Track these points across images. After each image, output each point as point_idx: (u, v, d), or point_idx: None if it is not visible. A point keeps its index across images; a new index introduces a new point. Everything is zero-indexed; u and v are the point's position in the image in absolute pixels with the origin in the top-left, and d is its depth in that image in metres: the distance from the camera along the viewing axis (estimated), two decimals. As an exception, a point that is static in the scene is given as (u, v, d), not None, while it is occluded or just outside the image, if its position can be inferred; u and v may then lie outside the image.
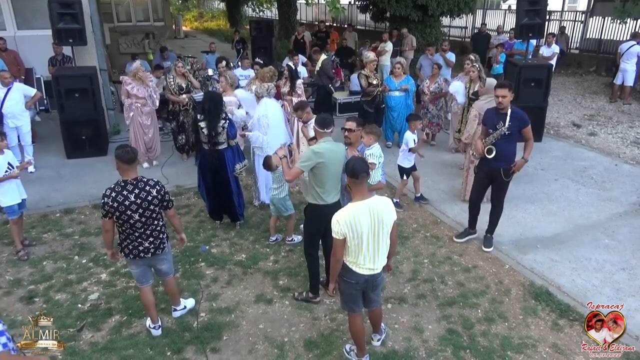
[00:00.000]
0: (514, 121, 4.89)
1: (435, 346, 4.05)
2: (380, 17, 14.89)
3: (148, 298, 4.10)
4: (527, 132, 5.00)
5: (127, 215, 3.71)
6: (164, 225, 4.03)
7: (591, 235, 5.77)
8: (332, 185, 4.19)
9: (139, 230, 3.82)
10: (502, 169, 5.05)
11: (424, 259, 5.31)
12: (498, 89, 4.91)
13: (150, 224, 3.85)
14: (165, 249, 4.05)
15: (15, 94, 7.16)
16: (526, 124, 4.93)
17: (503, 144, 4.95)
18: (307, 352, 3.99)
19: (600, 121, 10.26)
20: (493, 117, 5.04)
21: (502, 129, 4.89)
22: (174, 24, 24.99)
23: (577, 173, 7.56)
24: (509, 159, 5.05)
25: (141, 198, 3.72)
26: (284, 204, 5.47)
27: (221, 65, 7.84)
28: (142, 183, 3.77)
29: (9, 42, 9.68)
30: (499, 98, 4.86)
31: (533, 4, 8.49)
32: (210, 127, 5.40)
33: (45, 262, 5.22)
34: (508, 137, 4.93)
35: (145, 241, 3.88)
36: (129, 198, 3.69)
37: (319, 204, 4.20)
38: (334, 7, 10.78)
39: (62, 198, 6.69)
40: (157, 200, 3.80)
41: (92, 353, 3.96)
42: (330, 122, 4.28)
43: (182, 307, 4.43)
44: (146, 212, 3.77)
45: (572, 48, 15.66)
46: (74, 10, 7.83)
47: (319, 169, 4.07)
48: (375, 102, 8.21)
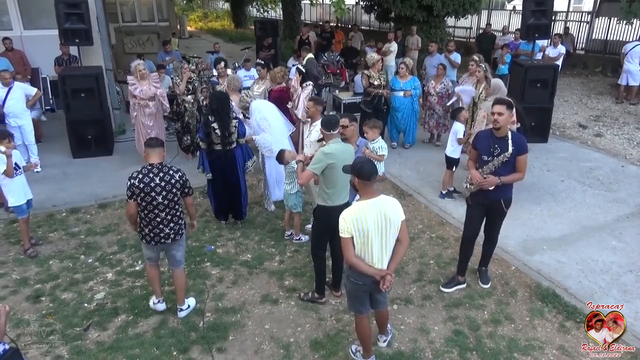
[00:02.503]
0: (514, 146, 4.26)
1: (441, 347, 4.04)
2: (384, 17, 14.89)
3: (155, 272, 4.33)
4: (522, 161, 4.31)
5: (151, 197, 3.93)
6: (183, 212, 4.24)
7: (598, 236, 5.74)
8: (342, 186, 4.18)
9: (161, 214, 4.02)
10: (502, 200, 4.43)
11: (429, 260, 5.30)
12: (496, 105, 4.26)
13: (172, 208, 4.07)
14: (183, 236, 4.28)
15: (17, 94, 7.19)
16: (524, 151, 4.30)
17: (502, 171, 4.32)
18: (313, 353, 3.98)
19: (606, 122, 10.21)
20: (488, 141, 4.35)
21: (506, 155, 4.26)
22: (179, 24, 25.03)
23: (583, 174, 7.52)
24: (508, 189, 4.44)
25: (165, 181, 3.97)
26: (295, 200, 5.49)
27: (220, 66, 7.83)
28: (167, 168, 4.04)
29: (16, 42, 9.72)
30: (495, 115, 4.21)
31: (539, 4, 8.46)
32: (223, 127, 5.40)
33: (51, 262, 5.24)
34: (507, 165, 4.31)
35: (166, 227, 4.08)
36: (154, 180, 3.94)
37: (328, 206, 4.18)
38: (339, 8, 10.76)
39: (68, 197, 6.72)
40: (179, 185, 4.06)
41: (99, 352, 3.97)
42: (336, 123, 4.27)
43: (187, 306, 4.44)
44: (169, 195, 4.00)
45: (578, 49, 15.60)
46: (81, 11, 7.85)
47: (330, 170, 4.06)
48: (374, 103, 8.16)
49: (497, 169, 4.32)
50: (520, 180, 4.44)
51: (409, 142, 8.69)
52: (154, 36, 15.53)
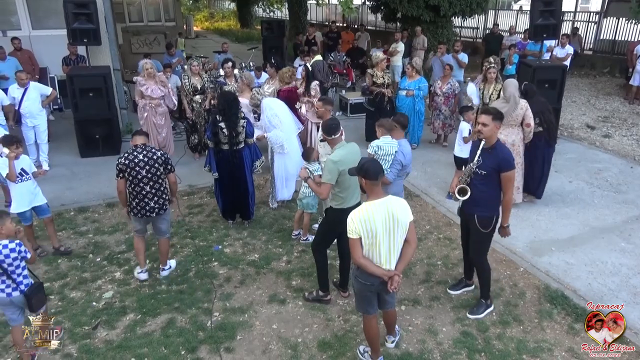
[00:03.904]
0: (492, 159, 3.94)
1: (449, 349, 4.03)
2: (391, 17, 14.85)
3: (142, 244, 4.86)
4: (506, 179, 3.93)
5: (136, 171, 4.47)
6: (167, 189, 4.73)
7: (607, 238, 5.71)
8: (354, 187, 4.17)
9: (146, 187, 4.53)
10: (476, 216, 4.12)
11: (437, 261, 5.28)
12: (482, 115, 4.01)
13: (155, 182, 4.57)
14: (167, 210, 4.81)
15: (33, 94, 7.24)
16: (506, 168, 3.91)
17: (480, 185, 4.02)
18: (320, 353, 3.98)
19: (614, 123, 10.14)
20: (476, 149, 4.06)
21: (471, 166, 4.06)
22: (185, 24, 25.10)
23: (591, 175, 7.48)
24: (487, 206, 4.07)
25: (148, 157, 4.53)
26: (312, 201, 5.54)
27: (227, 66, 7.85)
28: (150, 147, 4.63)
29: (24, 41, 9.78)
30: (479, 125, 3.98)
31: (547, 4, 8.40)
32: (230, 127, 5.42)
33: (60, 260, 5.26)
34: (485, 179, 3.99)
35: (150, 201, 4.59)
36: (138, 157, 4.51)
37: (342, 208, 4.16)
38: (347, 7, 10.75)
39: (76, 197, 6.75)
40: (161, 160, 4.58)
41: (107, 351, 3.98)
42: (336, 128, 4.22)
43: (168, 266, 5.00)
44: (152, 170, 4.53)
45: (585, 49, 15.51)
46: (89, 11, 7.88)
47: (342, 175, 4.05)
48: (376, 102, 8.14)
49: (473, 181, 4.07)
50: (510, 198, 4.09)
51: (414, 143, 8.67)
52: (161, 36, 15.60)
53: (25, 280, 3.72)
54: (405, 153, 4.79)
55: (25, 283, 3.72)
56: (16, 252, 3.60)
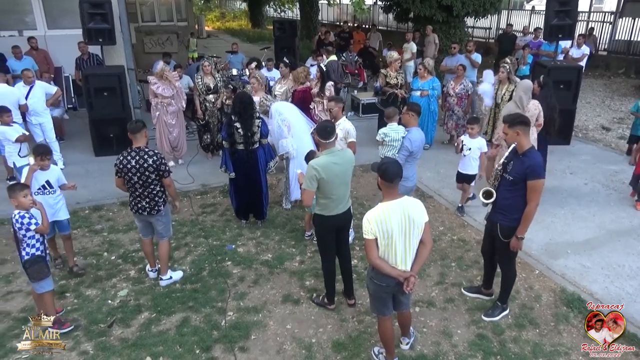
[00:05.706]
0: (520, 165, 3.83)
1: (464, 351, 4.00)
2: (403, 17, 14.79)
3: (148, 248, 4.89)
4: (531, 188, 3.78)
5: (129, 176, 4.48)
6: (162, 192, 4.64)
7: (624, 241, 5.63)
8: (338, 198, 4.07)
9: (138, 190, 4.55)
10: (499, 224, 4.06)
11: (451, 262, 5.25)
12: (503, 124, 4.03)
13: (147, 187, 4.53)
14: (161, 212, 4.67)
15: (38, 92, 7.36)
16: (533, 176, 3.76)
17: (505, 191, 3.96)
18: (335, 354, 3.97)
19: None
20: (510, 154, 3.99)
21: (497, 168, 4.03)
22: (197, 23, 25.23)
23: (607, 177, 7.39)
24: (510, 214, 3.97)
25: (139, 164, 4.44)
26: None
27: (251, 67, 7.85)
28: (143, 152, 4.46)
29: (39, 41, 9.90)
30: (503, 134, 4.07)
31: (563, 4, 8.34)
32: (245, 127, 5.43)
33: (75, 258, 5.29)
34: (512, 186, 3.89)
35: (142, 201, 4.59)
36: (130, 162, 4.44)
37: (323, 215, 4.13)
38: (359, 7, 10.73)
39: (90, 195, 6.80)
40: (152, 168, 4.46)
41: (123, 349, 4.01)
42: (331, 132, 4.05)
43: (168, 277, 4.86)
44: (142, 177, 4.47)
45: (600, 49, 15.34)
46: (104, 11, 7.96)
47: (321, 183, 3.95)
48: (389, 102, 8.12)
49: (500, 186, 4.01)
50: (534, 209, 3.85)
51: (427, 143, 8.61)
52: (174, 36, 15.66)
53: (32, 250, 3.92)
54: (412, 140, 5.00)
55: (30, 253, 3.91)
56: (19, 223, 3.84)
